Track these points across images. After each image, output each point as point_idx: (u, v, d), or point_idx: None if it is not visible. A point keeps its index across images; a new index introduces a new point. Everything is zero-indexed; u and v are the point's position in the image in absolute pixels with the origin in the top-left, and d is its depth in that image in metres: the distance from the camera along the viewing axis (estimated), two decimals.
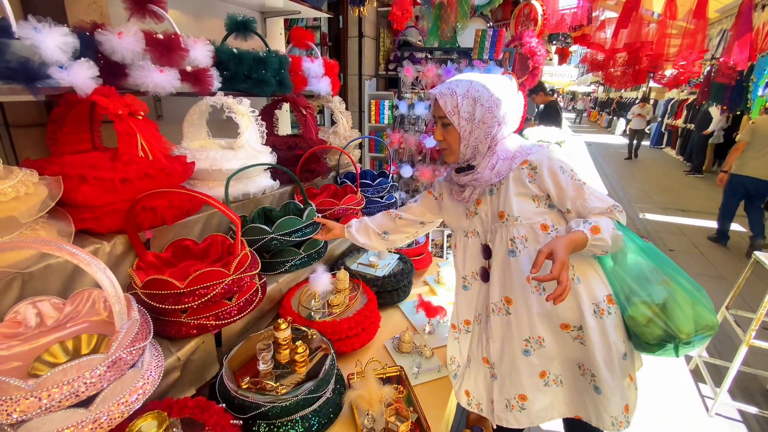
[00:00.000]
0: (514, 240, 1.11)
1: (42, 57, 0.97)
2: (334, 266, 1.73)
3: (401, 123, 3.22)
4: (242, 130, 1.41)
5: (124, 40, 1.20)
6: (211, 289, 1.03)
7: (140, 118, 1.13)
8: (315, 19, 3.50)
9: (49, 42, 0.98)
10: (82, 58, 1.07)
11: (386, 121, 3.28)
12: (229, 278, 1.06)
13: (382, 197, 2.09)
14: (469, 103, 1.06)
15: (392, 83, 3.46)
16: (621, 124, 16.89)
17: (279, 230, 1.36)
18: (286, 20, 3.38)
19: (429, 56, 3.18)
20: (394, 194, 2.19)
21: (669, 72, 3.66)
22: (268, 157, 1.53)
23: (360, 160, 3.67)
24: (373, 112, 3.29)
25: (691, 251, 4.49)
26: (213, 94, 1.47)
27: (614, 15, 3.84)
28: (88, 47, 1.14)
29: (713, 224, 5.31)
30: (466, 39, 2.93)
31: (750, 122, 4.13)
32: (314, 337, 1.25)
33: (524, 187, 1.09)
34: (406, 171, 3.29)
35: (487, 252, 1.18)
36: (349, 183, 1.96)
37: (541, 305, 1.10)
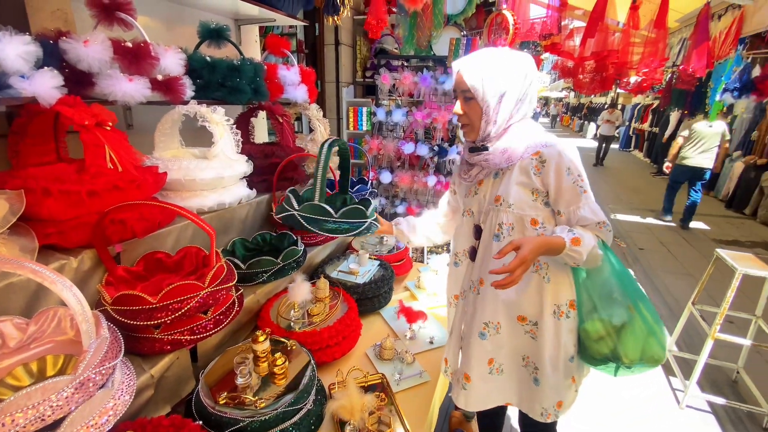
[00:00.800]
0: (502, 225, 1.12)
1: (2, 66, 0.94)
2: (314, 275, 1.72)
3: (379, 129, 3.24)
4: (216, 139, 1.39)
5: (91, 48, 1.16)
6: (185, 303, 1.00)
7: (108, 128, 1.09)
8: (291, 26, 3.50)
9: (10, 51, 0.95)
10: (46, 68, 1.04)
11: (365, 128, 3.29)
12: (204, 291, 1.04)
13: None
14: (494, 78, 1.04)
15: (370, 90, 3.48)
16: (592, 128, 17.54)
17: (344, 217, 1.33)
18: (261, 28, 3.36)
19: (405, 64, 3.22)
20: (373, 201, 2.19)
21: (633, 79, 3.84)
22: (244, 166, 1.51)
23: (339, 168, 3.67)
24: (351, 119, 3.29)
25: (659, 249, 4.68)
26: (186, 102, 1.44)
27: (582, 24, 4.00)
28: (52, 56, 1.10)
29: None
30: (441, 47, 2.99)
31: (690, 123, 5.09)
32: (294, 348, 1.23)
33: (528, 177, 1.09)
34: (386, 177, 3.31)
35: (478, 232, 1.21)
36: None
37: (507, 293, 1.12)
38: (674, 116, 8.50)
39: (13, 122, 1.12)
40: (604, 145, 10.21)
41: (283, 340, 1.24)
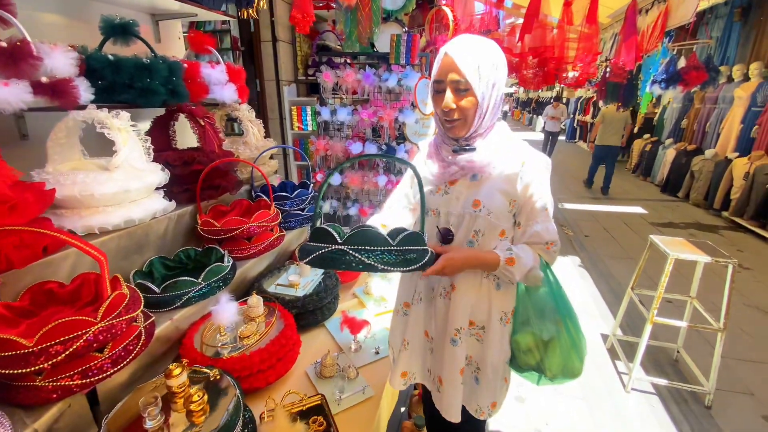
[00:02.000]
0: (477, 232, 1.08)
1: None
2: (249, 291, 1.59)
3: (326, 129, 3.12)
4: (119, 148, 1.23)
5: None
6: (69, 344, 0.85)
7: None
8: (224, 22, 3.30)
9: None
10: None
11: (310, 128, 3.16)
12: (96, 327, 0.89)
13: (303, 209, 1.98)
14: (489, 66, 0.96)
15: (314, 89, 3.35)
16: (540, 121, 18.32)
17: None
18: (193, 23, 3.13)
19: (348, 62, 3.12)
20: (315, 205, 2.08)
21: (572, 74, 4.00)
22: (157, 176, 1.35)
23: (285, 170, 3.51)
24: (295, 119, 3.15)
25: (603, 235, 4.92)
26: (83, 107, 1.27)
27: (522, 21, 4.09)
28: None
29: (620, 209, 5.88)
30: (384, 44, 2.92)
31: (601, 109, 6.30)
32: (218, 377, 1.10)
33: (512, 186, 1.04)
34: (335, 179, 3.20)
35: (446, 236, 1.11)
36: (264, 197, 1.83)
37: (477, 298, 1.12)
38: (611, 108, 9.07)
39: None
40: (550, 140, 9.39)
41: (205, 370, 1.11)
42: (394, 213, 1.31)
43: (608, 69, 5.23)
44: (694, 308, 2.32)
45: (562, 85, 12.40)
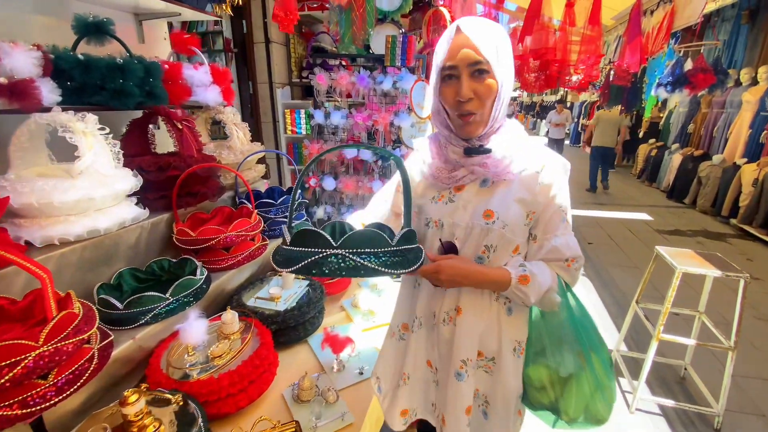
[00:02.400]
0: (489, 248, 0.92)
1: None
2: (227, 305, 1.50)
3: (320, 133, 3.04)
4: (82, 152, 1.15)
5: None
6: (5, 371, 0.76)
7: None
8: (216, 23, 3.24)
9: None
10: None
11: (304, 132, 3.08)
12: (37, 351, 0.80)
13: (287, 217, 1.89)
14: (506, 48, 0.83)
15: (308, 91, 3.28)
16: (545, 126, 18.19)
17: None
18: (185, 24, 3.07)
19: (343, 63, 3.04)
20: (304, 212, 2.00)
21: (575, 77, 3.90)
22: (127, 182, 1.27)
23: (279, 175, 3.43)
24: (288, 123, 3.07)
25: (607, 243, 4.79)
26: (48, 109, 1.19)
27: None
28: None
29: (625, 215, 5.76)
30: (380, 45, 2.84)
31: (596, 113, 6.81)
32: (181, 403, 1.01)
33: (531, 195, 0.89)
34: (329, 184, 3.11)
35: (450, 250, 0.95)
36: (248, 204, 1.74)
37: (486, 324, 0.97)
38: (614, 111, 8.96)
39: None
40: (555, 149, 8.98)
41: (167, 396, 1.02)
42: (377, 214, 1.19)
43: (612, 72, 5.12)
44: (703, 323, 2.20)
45: (566, 89, 12.30)
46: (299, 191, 0.85)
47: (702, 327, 2.23)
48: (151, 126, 1.63)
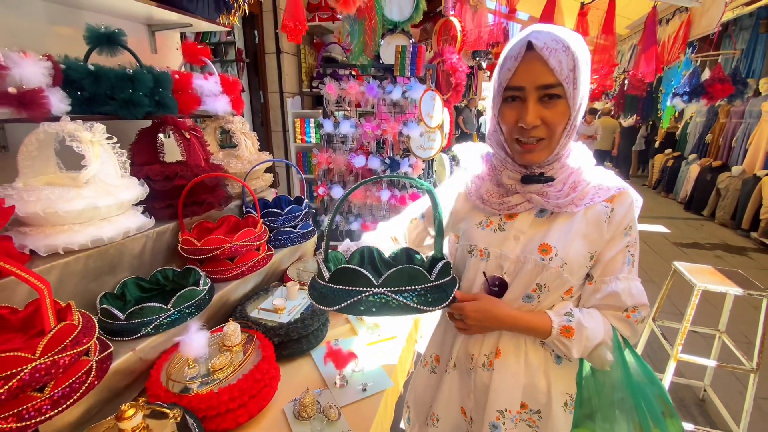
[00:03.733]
0: (541, 287, 0.82)
1: None
2: (230, 316, 1.48)
3: (329, 142, 3.04)
4: (89, 162, 1.15)
5: None
6: (3, 383, 0.75)
7: None
8: (229, 34, 3.29)
9: None
10: None
11: (313, 141, 3.09)
12: (34, 364, 0.79)
13: (294, 226, 1.88)
14: (584, 66, 0.73)
15: (318, 101, 3.29)
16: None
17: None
18: (198, 35, 3.13)
19: (353, 74, 3.05)
20: (309, 222, 1.98)
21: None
22: (134, 191, 1.27)
23: (288, 184, 3.43)
24: (298, 132, 3.08)
25: None
26: (57, 119, 1.20)
27: None
28: None
29: (640, 227, 5.62)
30: (390, 55, 2.84)
31: (595, 121, 7.84)
32: (178, 418, 0.99)
33: (597, 232, 0.79)
34: (337, 192, 3.11)
35: (494, 285, 0.86)
36: (254, 213, 1.73)
37: (527, 370, 0.87)
38: (630, 122, 8.84)
39: None
40: None
41: (165, 409, 1.00)
42: (404, 231, 1.12)
43: (626, 81, 5.04)
44: (723, 343, 2.11)
45: None
46: (334, 219, 0.84)
47: (722, 347, 2.13)
48: (160, 135, 1.64)
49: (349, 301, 0.79)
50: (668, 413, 0.83)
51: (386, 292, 0.79)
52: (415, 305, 0.78)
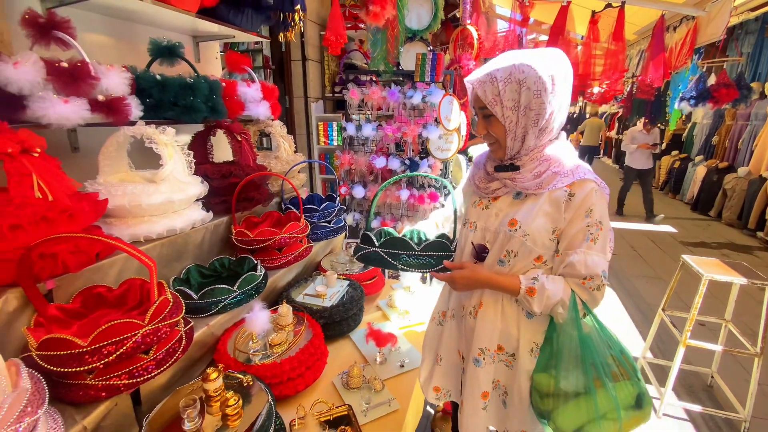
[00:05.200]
0: (510, 252, 1.02)
1: None
2: (278, 300, 1.64)
3: (351, 144, 3.20)
4: (164, 161, 1.31)
5: (21, 69, 1.08)
6: (120, 345, 0.91)
7: (36, 154, 1.00)
8: (256, 42, 3.46)
9: None
10: None
11: (335, 143, 3.25)
12: (144, 330, 0.95)
13: (329, 221, 2.03)
14: (513, 89, 0.91)
15: (340, 105, 3.45)
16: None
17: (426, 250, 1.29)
18: (226, 45, 3.30)
19: (374, 79, 3.21)
20: (342, 218, 2.13)
21: (597, 90, 3.98)
22: (197, 188, 1.43)
23: (311, 184, 3.59)
24: (321, 134, 3.24)
25: (630, 254, 4.78)
26: (133, 123, 1.36)
27: (547, 38, 4.11)
28: None
29: (647, 227, 5.73)
30: (409, 62, 2.99)
31: (585, 120, 9.34)
32: (250, 383, 1.14)
33: (557, 211, 0.96)
34: (358, 192, 3.25)
35: (481, 251, 1.08)
36: (294, 209, 1.89)
37: (503, 321, 1.08)
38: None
39: None
40: (640, 182, 6.20)
41: (239, 376, 1.15)
42: (442, 219, 1.44)
43: (635, 86, 5.16)
44: (729, 332, 2.23)
45: (585, 101, 12.29)
46: (372, 212, 1.39)
47: (728, 336, 2.25)
48: (210, 138, 1.80)
49: (362, 252, 1.35)
50: (623, 376, 0.98)
51: (421, 254, 1.26)
52: (400, 264, 1.29)
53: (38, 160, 1.01)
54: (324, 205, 1.99)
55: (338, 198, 2.12)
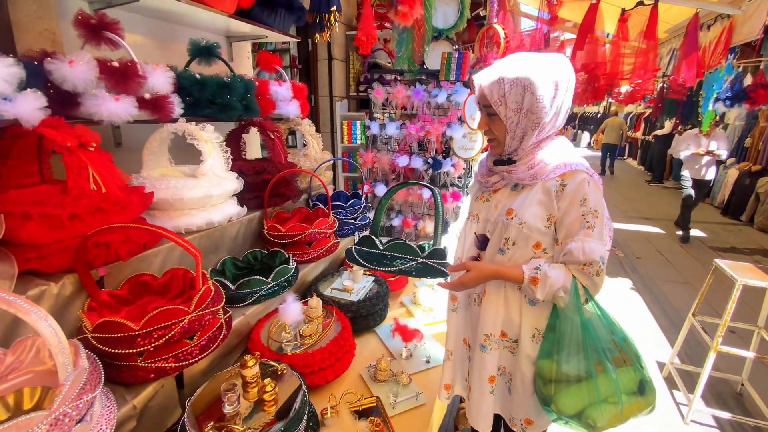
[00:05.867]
0: (508, 241, 1.07)
1: None
2: (306, 293, 1.68)
3: (374, 143, 3.23)
4: (205, 157, 1.37)
5: (76, 68, 1.15)
6: (169, 330, 0.96)
7: (92, 149, 1.07)
8: (284, 42, 3.52)
9: None
10: (29, 89, 1.02)
11: (359, 141, 3.29)
12: (190, 316, 1.00)
13: (355, 218, 2.07)
14: (518, 92, 0.96)
15: (364, 104, 3.49)
16: (585, 137, 17.73)
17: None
18: (254, 44, 3.38)
19: (398, 78, 3.23)
20: (368, 215, 2.17)
21: (624, 89, 3.88)
22: (234, 183, 1.49)
23: (334, 181, 3.65)
24: (345, 133, 3.29)
25: (657, 258, 4.66)
26: (174, 120, 1.43)
27: (573, 36, 4.04)
28: (37, 77, 1.09)
29: (679, 232, 5.56)
30: (434, 61, 3.00)
31: (605, 120, 10.12)
32: (285, 372, 1.19)
33: (549, 199, 1.02)
34: (381, 190, 3.28)
35: (482, 242, 1.13)
36: (321, 205, 1.93)
37: (506, 308, 1.12)
38: (668, 125, 8.70)
39: None
40: (698, 194, 5.17)
41: (273, 364, 1.20)
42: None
43: (666, 85, 5.00)
44: (762, 339, 2.16)
45: (610, 100, 11.99)
46: (382, 212, 1.59)
47: (761, 343, 2.18)
48: (243, 135, 1.86)
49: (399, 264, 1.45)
50: (626, 362, 1.01)
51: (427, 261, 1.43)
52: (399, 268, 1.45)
53: (93, 154, 1.08)
54: (351, 202, 2.02)
55: (364, 195, 2.15)
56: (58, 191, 1.16)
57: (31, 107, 1.00)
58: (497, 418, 1.23)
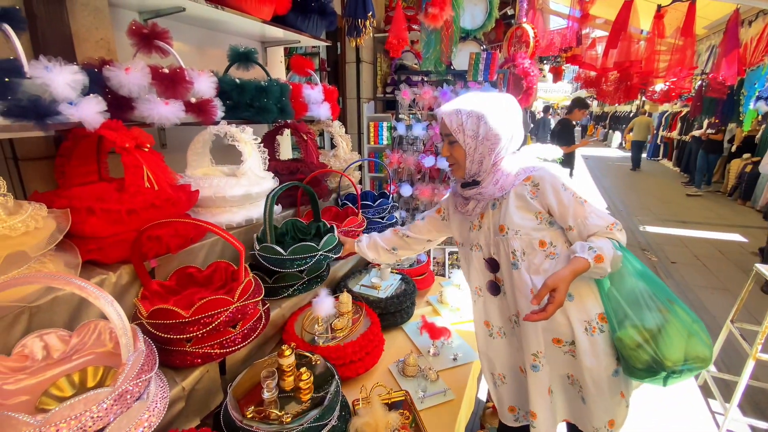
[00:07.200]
0: (515, 253, 1.14)
1: (52, 94, 1.01)
2: (336, 288, 1.74)
3: (400, 143, 3.28)
4: (245, 158, 1.45)
5: (132, 75, 1.24)
6: (215, 318, 1.03)
7: (146, 150, 1.16)
8: (314, 46, 3.61)
9: (60, 80, 1.02)
10: (91, 94, 1.11)
11: (385, 142, 3.34)
12: (234, 306, 1.07)
13: (383, 218, 2.11)
14: (474, 121, 1.11)
15: (390, 105, 3.54)
16: (617, 137, 17.15)
17: (294, 253, 1.38)
18: (286, 48, 3.49)
19: (425, 78, 3.26)
20: (395, 214, 2.21)
21: (659, 87, 3.75)
22: (271, 182, 1.56)
23: (360, 182, 3.71)
24: (372, 134, 3.34)
25: (693, 263, 4.48)
26: (216, 123, 1.51)
27: (604, 33, 3.94)
28: (97, 83, 1.18)
29: (713, 235, 5.33)
30: (461, 61, 3.01)
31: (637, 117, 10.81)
32: (318, 362, 1.24)
33: (525, 202, 1.12)
34: (406, 190, 3.33)
35: (493, 265, 1.21)
36: (350, 205, 1.99)
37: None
38: (705, 125, 8.33)
39: (61, 146, 1.20)
40: None
41: (307, 354, 1.26)
42: (412, 228, 1.51)
43: (705, 83, 4.79)
44: None
45: (643, 99, 11.56)
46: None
47: None
48: (277, 137, 1.93)
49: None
50: (674, 295, 1.08)
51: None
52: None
53: (147, 154, 1.16)
54: (378, 201, 2.07)
55: (391, 195, 2.19)
56: (114, 188, 1.25)
57: (93, 111, 1.09)
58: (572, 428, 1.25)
